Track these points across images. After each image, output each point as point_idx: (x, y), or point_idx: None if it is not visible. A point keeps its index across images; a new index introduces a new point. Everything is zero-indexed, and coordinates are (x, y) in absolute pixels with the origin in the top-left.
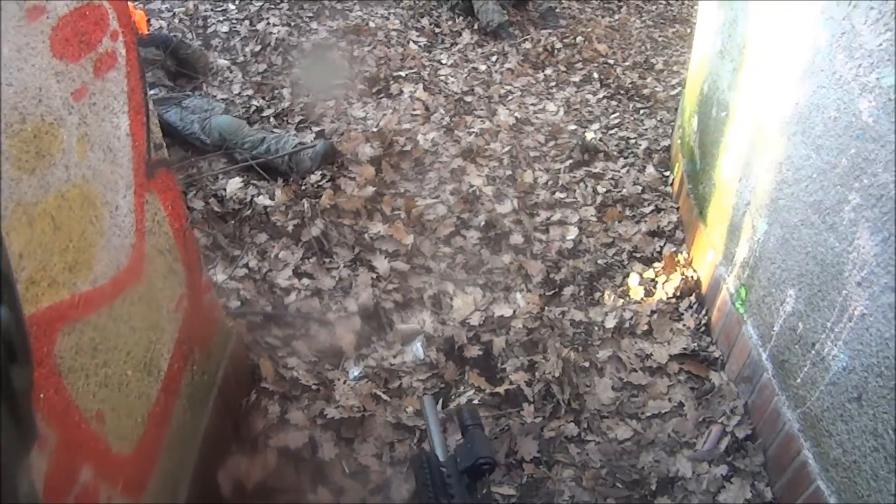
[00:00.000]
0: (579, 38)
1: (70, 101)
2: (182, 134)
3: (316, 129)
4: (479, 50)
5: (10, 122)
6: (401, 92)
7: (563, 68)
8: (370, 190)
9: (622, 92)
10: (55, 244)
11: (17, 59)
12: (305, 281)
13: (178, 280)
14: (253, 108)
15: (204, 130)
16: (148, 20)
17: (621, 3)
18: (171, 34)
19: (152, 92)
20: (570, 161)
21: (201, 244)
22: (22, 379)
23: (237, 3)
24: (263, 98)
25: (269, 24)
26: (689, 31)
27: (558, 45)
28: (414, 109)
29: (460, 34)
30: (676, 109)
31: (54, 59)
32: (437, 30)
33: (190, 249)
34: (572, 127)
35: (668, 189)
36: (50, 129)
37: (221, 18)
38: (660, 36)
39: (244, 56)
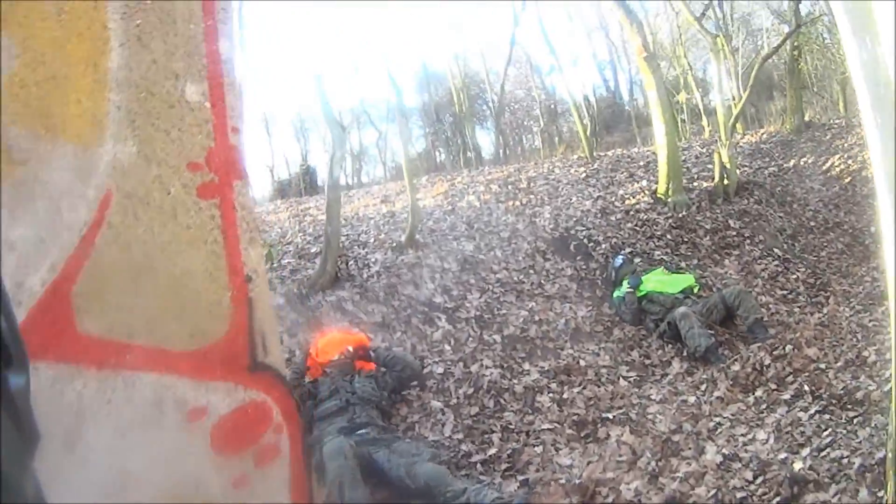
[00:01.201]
0: (788, 347)
1: (230, 489)
2: (388, 476)
3: (521, 477)
4: (689, 379)
5: None
6: (608, 436)
7: (773, 386)
8: None
9: (834, 401)
10: None
11: (178, 455)
12: None
13: None
14: (461, 453)
15: (409, 475)
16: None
17: (828, 293)
18: (388, 353)
19: (363, 431)
20: (778, 499)
21: None
22: (19, 382)
23: (452, 343)
24: (473, 443)
25: (482, 365)
26: None
27: (767, 361)
28: (620, 455)
29: (670, 363)
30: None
31: (213, 453)
32: (647, 361)
33: None
34: (782, 456)
35: None
36: None
37: (437, 359)
38: (870, 321)
39: (457, 398)
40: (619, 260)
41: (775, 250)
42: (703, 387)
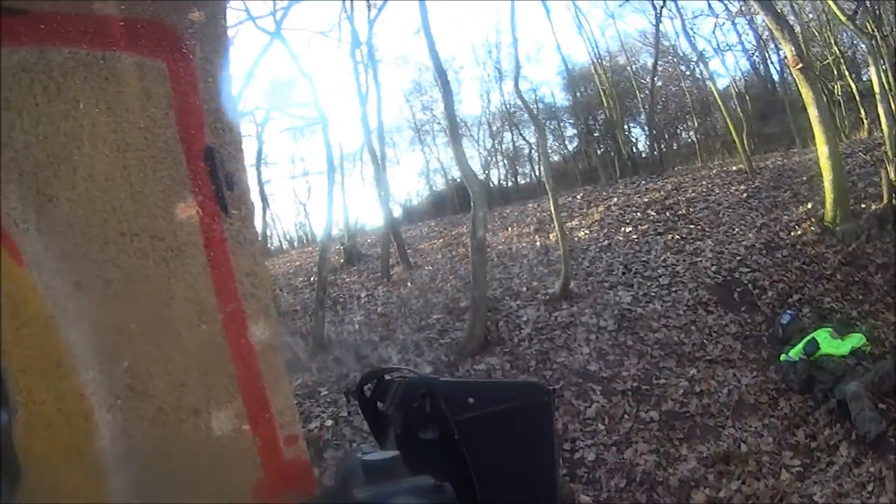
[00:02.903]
0: None
1: None
2: None
3: None
4: (856, 471)
5: None
6: None
7: None
8: None
9: None
10: None
11: None
12: None
13: None
14: None
15: None
16: None
17: None
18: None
19: None
20: None
21: None
22: (4, 419)
23: (606, 422)
24: None
25: (636, 451)
26: None
27: None
28: None
29: (837, 448)
30: None
31: None
32: (812, 444)
33: None
34: None
35: None
36: None
37: (590, 443)
38: None
39: (608, 491)
40: (786, 317)
41: None
42: (869, 486)
